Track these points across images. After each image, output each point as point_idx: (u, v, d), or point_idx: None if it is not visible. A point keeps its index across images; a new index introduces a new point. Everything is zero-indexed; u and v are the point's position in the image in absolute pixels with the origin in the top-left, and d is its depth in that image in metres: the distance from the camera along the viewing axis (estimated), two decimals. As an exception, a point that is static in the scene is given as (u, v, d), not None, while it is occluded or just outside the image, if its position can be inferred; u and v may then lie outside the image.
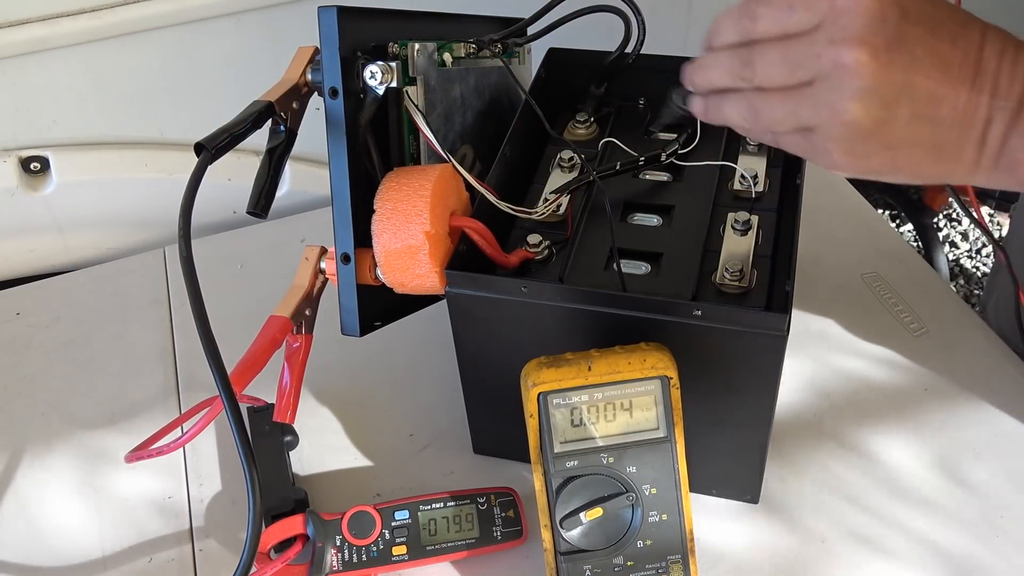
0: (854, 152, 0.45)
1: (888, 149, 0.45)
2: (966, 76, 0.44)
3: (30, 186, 0.91)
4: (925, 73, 0.43)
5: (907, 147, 0.45)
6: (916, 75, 0.43)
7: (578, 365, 0.55)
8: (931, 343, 0.77)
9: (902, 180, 0.48)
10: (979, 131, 0.44)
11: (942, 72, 0.43)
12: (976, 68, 0.44)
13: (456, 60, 0.66)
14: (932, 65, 0.43)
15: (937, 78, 0.43)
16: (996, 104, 0.44)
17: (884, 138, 0.45)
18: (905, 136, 0.44)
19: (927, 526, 0.66)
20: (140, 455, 0.59)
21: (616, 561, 0.57)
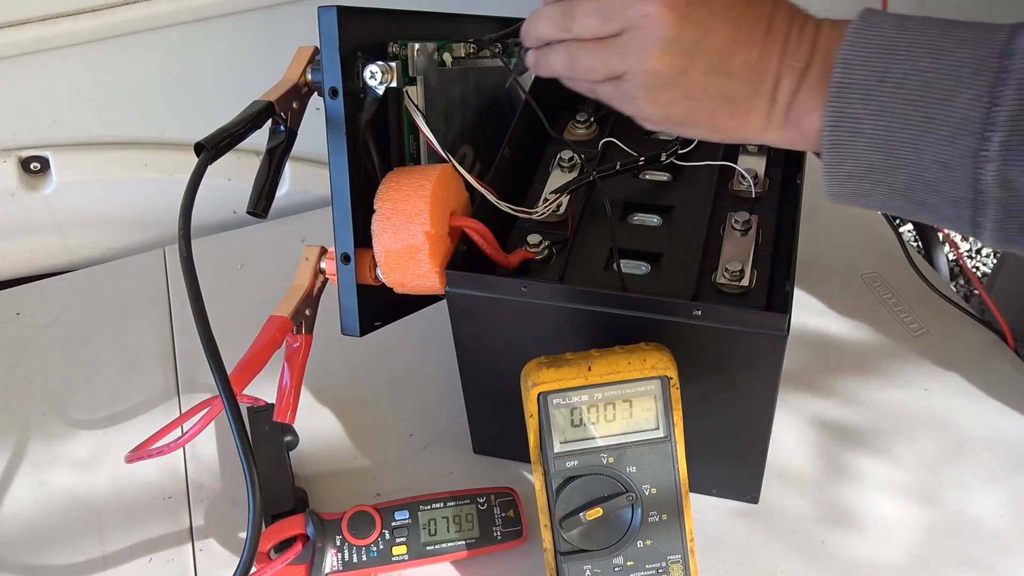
0: (656, 100, 0.49)
1: (688, 99, 0.49)
2: (757, 34, 0.47)
3: (30, 186, 0.91)
4: (720, 27, 0.47)
5: (704, 98, 0.49)
6: (712, 28, 0.47)
7: (578, 365, 0.55)
8: (931, 343, 0.77)
9: (702, 134, 0.51)
10: (769, 87, 0.48)
11: (736, 27, 0.47)
12: (767, 28, 0.48)
13: (456, 60, 0.66)
14: (727, 20, 0.47)
15: (731, 33, 0.47)
16: (785, 63, 0.47)
17: (683, 87, 0.48)
18: (702, 86, 0.48)
19: (927, 526, 0.66)
20: (140, 455, 0.59)
21: (616, 561, 0.57)
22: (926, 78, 0.43)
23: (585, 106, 0.75)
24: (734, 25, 0.47)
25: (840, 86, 0.45)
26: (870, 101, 0.44)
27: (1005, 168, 0.42)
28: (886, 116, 0.44)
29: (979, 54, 0.43)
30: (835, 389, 0.75)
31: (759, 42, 0.47)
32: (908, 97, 0.44)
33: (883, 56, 0.44)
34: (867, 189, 0.47)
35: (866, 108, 0.44)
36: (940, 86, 0.43)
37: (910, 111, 0.44)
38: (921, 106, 0.43)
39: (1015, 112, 0.41)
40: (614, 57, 0.49)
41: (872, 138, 0.45)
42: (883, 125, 0.44)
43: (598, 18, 0.49)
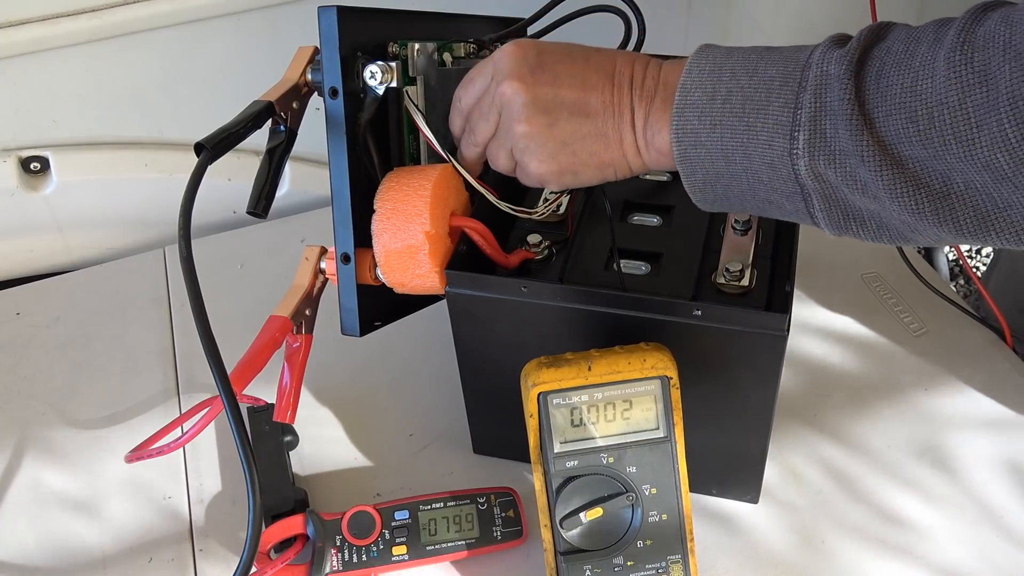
0: (542, 156, 0.56)
1: (565, 145, 0.56)
2: (603, 81, 0.55)
3: (30, 186, 0.91)
4: (567, 85, 0.55)
5: (579, 140, 0.56)
6: (560, 87, 0.55)
7: (578, 365, 0.55)
8: (931, 343, 0.77)
9: (592, 176, 0.57)
10: (628, 118, 0.55)
11: (582, 80, 0.55)
12: (611, 72, 0.55)
13: (456, 60, 0.66)
14: (571, 80, 0.55)
15: (579, 84, 0.55)
16: (635, 94, 0.54)
17: (557, 136, 0.56)
18: (572, 130, 0.55)
19: (927, 526, 0.66)
20: (140, 455, 0.59)
21: (616, 561, 0.57)
22: (746, 93, 0.50)
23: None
24: (580, 79, 0.55)
25: (680, 106, 0.52)
26: (704, 117, 0.51)
27: (813, 162, 0.48)
28: (718, 129, 0.51)
29: (787, 69, 0.49)
30: (835, 389, 0.75)
31: (608, 84, 0.55)
32: (733, 110, 0.50)
33: (713, 79, 0.51)
34: (722, 192, 0.52)
35: (702, 123, 0.51)
36: (756, 98, 0.50)
37: (735, 122, 0.50)
38: (743, 116, 0.50)
39: (813, 113, 0.47)
40: (502, 141, 0.58)
41: (710, 148, 0.51)
42: (716, 136, 0.51)
43: (484, 121, 0.58)
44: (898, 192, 0.46)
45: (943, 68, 0.44)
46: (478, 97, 0.59)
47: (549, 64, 0.56)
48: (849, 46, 0.48)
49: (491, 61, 0.58)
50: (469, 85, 0.60)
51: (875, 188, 0.46)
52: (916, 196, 0.46)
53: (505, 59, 0.56)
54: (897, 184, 0.46)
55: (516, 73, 0.56)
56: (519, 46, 0.56)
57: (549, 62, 0.56)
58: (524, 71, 0.56)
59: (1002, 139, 0.42)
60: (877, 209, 0.48)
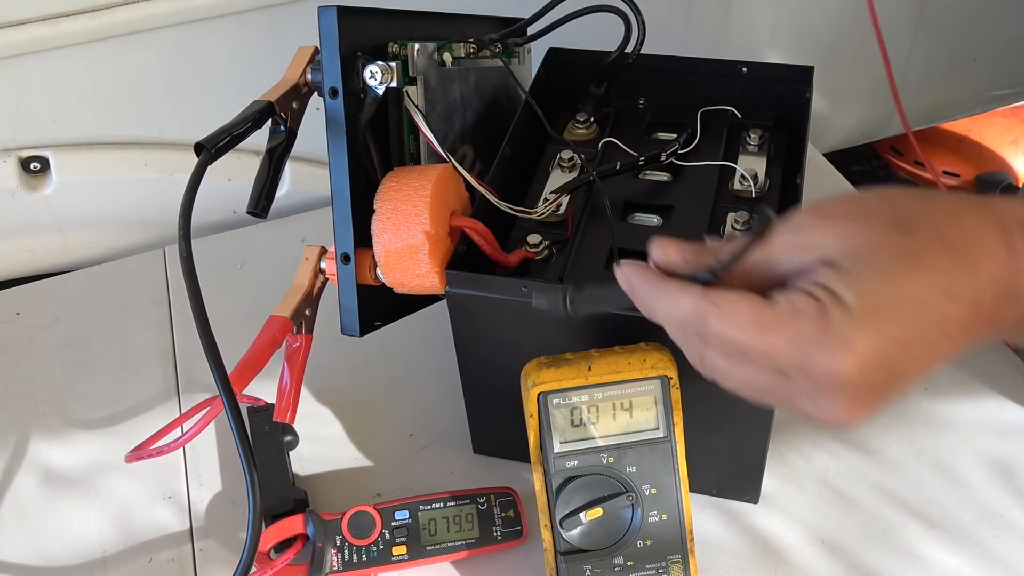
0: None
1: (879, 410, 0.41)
2: (957, 342, 0.40)
3: (30, 186, 0.91)
4: (914, 374, 0.40)
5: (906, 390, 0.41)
6: (904, 382, 0.40)
7: (578, 365, 0.55)
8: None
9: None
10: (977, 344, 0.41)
11: (931, 358, 0.40)
12: (970, 328, 0.40)
13: (456, 60, 0.66)
14: (920, 364, 0.40)
15: (926, 365, 0.40)
16: (993, 327, 0.41)
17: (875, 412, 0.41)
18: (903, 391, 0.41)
19: (927, 526, 0.66)
20: (140, 455, 0.59)
21: (616, 561, 0.57)
22: None
23: (585, 106, 0.76)
24: (921, 371, 0.40)
25: None
26: None
27: None
28: None
29: None
30: (835, 389, 0.75)
31: (965, 342, 0.40)
32: None
33: None
34: None
35: None
36: None
37: None
38: None
39: None
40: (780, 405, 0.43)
41: None
42: None
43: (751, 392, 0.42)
44: None
45: None
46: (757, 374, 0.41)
47: (896, 371, 0.39)
48: None
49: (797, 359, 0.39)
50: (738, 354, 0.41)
51: None
52: None
53: (834, 389, 0.39)
54: None
55: (853, 406, 0.40)
56: (863, 374, 0.38)
57: (898, 368, 0.39)
58: (863, 395, 0.39)
59: None
60: None
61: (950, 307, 0.39)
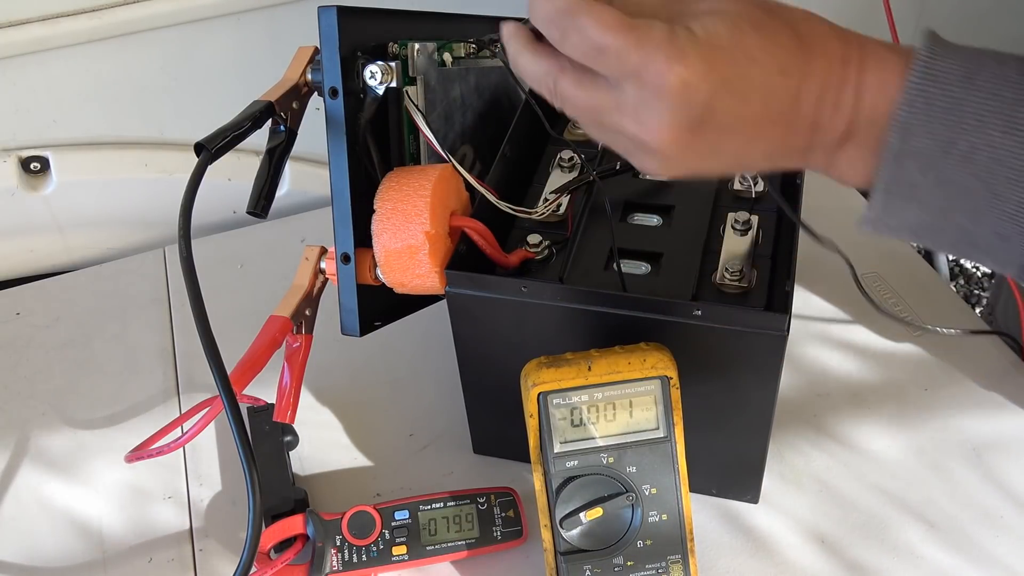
0: (661, 170, 0.46)
1: (699, 171, 0.45)
2: (778, 129, 0.43)
3: (30, 186, 0.91)
4: (730, 139, 0.43)
5: (725, 166, 0.46)
6: (721, 141, 0.43)
7: (578, 365, 0.55)
8: (931, 343, 0.77)
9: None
10: (797, 159, 0.45)
11: (750, 136, 0.43)
12: (790, 117, 0.43)
13: (456, 60, 0.66)
14: (739, 131, 0.43)
15: (743, 141, 0.43)
16: (816, 138, 0.43)
17: (696, 174, 0.45)
18: (720, 167, 0.45)
19: (927, 526, 0.66)
20: (140, 455, 0.59)
21: (616, 561, 0.57)
22: (998, 155, 0.39)
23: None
24: (750, 131, 0.43)
25: (898, 154, 0.41)
26: (930, 170, 0.41)
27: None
28: (946, 187, 0.41)
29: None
30: (835, 389, 0.75)
31: (781, 132, 0.43)
32: (976, 172, 0.40)
33: (949, 122, 0.40)
34: (909, 236, 0.45)
35: (925, 177, 0.41)
36: (1014, 165, 0.39)
37: (976, 186, 0.40)
38: (990, 183, 0.40)
39: None
40: (616, 144, 0.46)
41: (927, 204, 0.42)
42: (941, 194, 0.41)
43: (589, 116, 0.46)
44: None
45: None
46: (595, 84, 0.44)
47: (717, 114, 0.42)
48: None
49: (639, 62, 0.41)
50: (593, 50, 0.43)
51: None
52: None
53: (661, 97, 0.42)
54: None
55: (668, 125, 0.42)
56: (687, 87, 0.41)
57: (718, 111, 0.42)
58: (681, 125, 0.42)
59: None
60: None
61: (778, 80, 0.42)
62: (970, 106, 0.40)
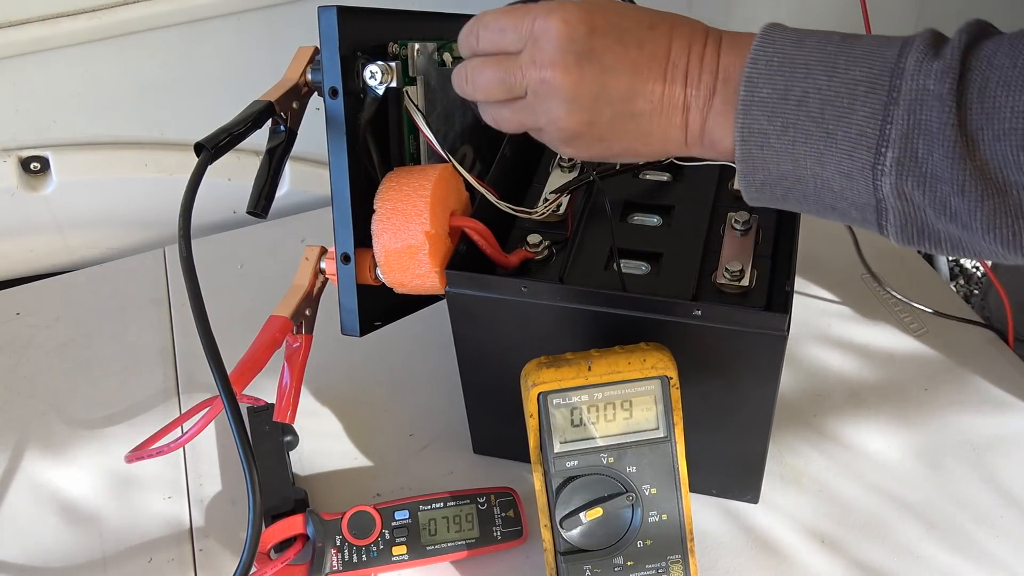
0: (574, 146, 0.53)
1: (601, 141, 0.52)
2: (655, 73, 0.49)
3: (30, 186, 0.91)
4: (616, 77, 0.49)
5: (617, 137, 0.51)
6: (608, 81, 0.49)
7: (578, 365, 0.55)
8: (931, 343, 0.77)
9: (625, 160, 0.57)
10: (679, 117, 0.50)
11: (632, 74, 0.49)
12: (665, 64, 0.49)
13: (456, 60, 0.66)
14: (621, 70, 0.49)
15: (627, 80, 0.49)
16: (689, 92, 0.49)
17: (595, 134, 0.51)
18: (612, 130, 0.51)
19: (926, 526, 0.66)
20: (140, 455, 0.59)
21: (616, 561, 0.57)
22: (824, 96, 0.45)
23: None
24: (629, 73, 0.49)
25: (746, 103, 0.47)
26: (775, 117, 0.46)
27: (899, 182, 0.44)
28: (790, 131, 0.46)
29: (872, 72, 0.45)
30: (835, 389, 0.75)
31: (659, 79, 0.49)
32: (810, 114, 0.46)
33: (785, 73, 0.46)
34: (781, 194, 0.49)
35: (772, 124, 0.46)
36: (837, 104, 0.45)
37: (811, 127, 0.46)
38: (821, 122, 0.45)
39: (905, 130, 0.44)
40: (526, 116, 0.53)
41: (779, 151, 0.47)
42: (788, 139, 0.46)
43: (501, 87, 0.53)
44: (996, 224, 0.43)
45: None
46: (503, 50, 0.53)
47: (598, 51, 0.49)
48: (949, 59, 0.44)
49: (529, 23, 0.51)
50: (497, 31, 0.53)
51: (967, 218, 0.43)
52: (1015, 228, 0.42)
53: (549, 38, 0.50)
54: (997, 216, 0.43)
55: (560, 61, 0.49)
56: (567, 24, 0.49)
57: (599, 48, 0.49)
58: (569, 60, 0.49)
59: None
60: (961, 235, 0.45)
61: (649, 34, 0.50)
62: (800, 59, 0.46)
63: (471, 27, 0.54)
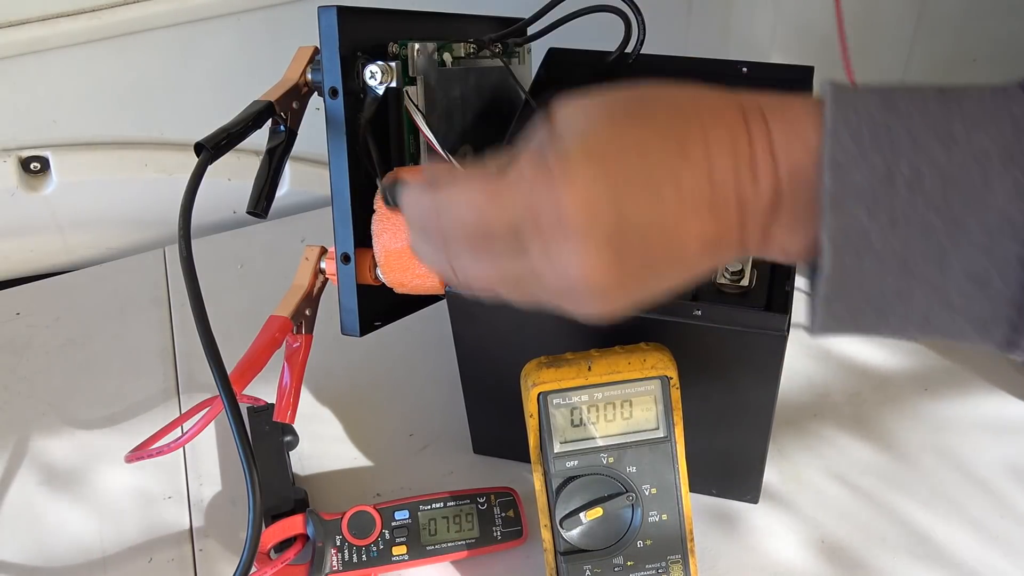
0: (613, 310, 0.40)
1: (646, 293, 0.40)
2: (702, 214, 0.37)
3: (30, 186, 0.91)
4: (660, 243, 0.37)
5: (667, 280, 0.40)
6: (651, 252, 0.38)
7: (578, 365, 0.55)
8: (931, 343, 0.77)
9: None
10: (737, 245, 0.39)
11: (676, 229, 0.37)
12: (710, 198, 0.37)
13: (456, 60, 0.66)
14: (664, 231, 0.37)
15: (675, 239, 0.38)
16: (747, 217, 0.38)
17: (640, 295, 0.40)
18: (662, 282, 0.40)
19: (926, 526, 0.66)
20: (140, 455, 0.59)
21: (616, 561, 0.57)
22: (944, 173, 0.34)
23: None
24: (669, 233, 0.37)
25: (837, 197, 0.35)
26: (879, 211, 0.35)
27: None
28: (900, 227, 0.35)
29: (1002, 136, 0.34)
30: (835, 389, 0.75)
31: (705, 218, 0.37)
32: (928, 200, 0.34)
33: (883, 149, 0.34)
34: (871, 322, 0.38)
35: (874, 220, 0.35)
36: (965, 183, 0.34)
37: (932, 217, 0.34)
38: (944, 210, 0.34)
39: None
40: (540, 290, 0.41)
41: (883, 258, 0.35)
42: (898, 239, 0.35)
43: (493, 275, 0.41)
44: None
45: None
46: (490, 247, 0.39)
47: (633, 226, 0.37)
48: None
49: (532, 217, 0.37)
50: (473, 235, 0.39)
51: None
52: None
53: (568, 230, 0.37)
54: None
55: (588, 253, 0.37)
56: (587, 201, 0.36)
57: (633, 222, 0.37)
58: (600, 251, 0.37)
59: None
60: None
61: (683, 164, 0.37)
62: (900, 127, 0.35)
63: (431, 223, 0.41)
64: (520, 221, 0.38)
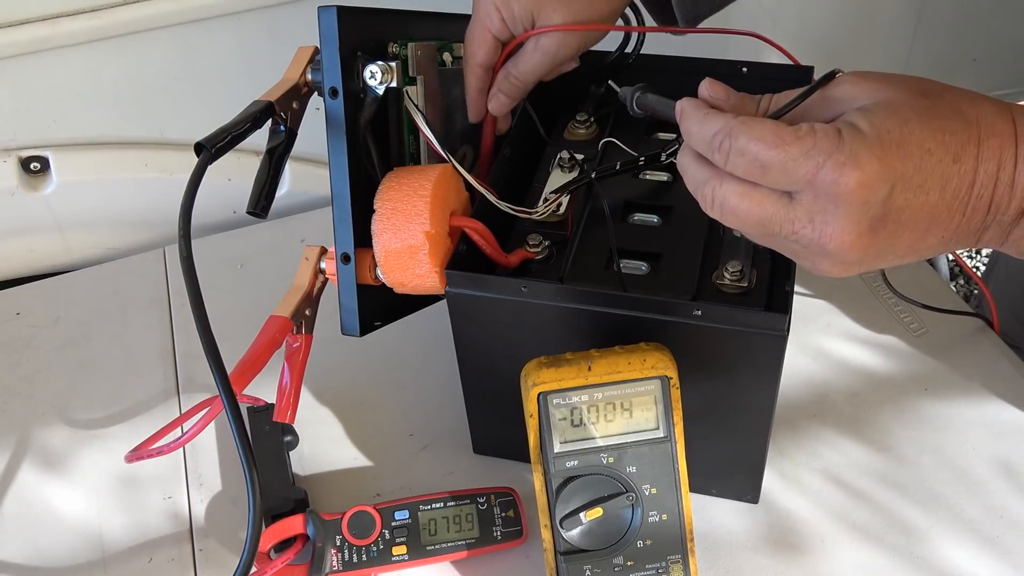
0: (844, 273, 0.46)
1: (877, 265, 0.46)
2: (954, 214, 0.43)
3: (30, 186, 0.91)
4: (910, 231, 0.43)
5: (899, 259, 0.45)
6: (900, 235, 0.43)
7: (578, 365, 0.55)
8: (931, 343, 0.77)
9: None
10: (971, 240, 0.45)
11: (929, 222, 0.43)
12: (966, 202, 0.43)
13: (456, 60, 0.66)
14: (918, 220, 0.43)
15: (923, 229, 0.44)
16: (990, 218, 0.44)
17: (871, 267, 0.46)
18: (894, 260, 0.45)
19: (927, 526, 0.66)
20: (140, 455, 0.59)
21: (616, 561, 0.57)
22: None
23: (585, 106, 0.76)
24: (927, 221, 0.43)
25: None
26: None
27: None
28: None
29: None
30: (835, 389, 0.75)
31: (958, 216, 0.43)
32: None
33: None
34: None
35: None
36: None
37: None
38: None
39: None
40: (784, 249, 0.47)
41: None
42: None
43: (755, 228, 0.46)
44: None
45: None
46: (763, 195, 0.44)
47: (896, 210, 0.42)
48: None
49: (810, 171, 0.42)
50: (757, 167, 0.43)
51: None
52: None
53: (839, 202, 0.42)
54: None
55: (851, 230, 0.42)
56: (865, 188, 0.41)
57: (897, 206, 0.42)
58: (863, 227, 0.42)
59: None
60: None
61: (954, 168, 0.42)
62: None
63: (718, 141, 0.44)
64: (800, 175, 0.42)
